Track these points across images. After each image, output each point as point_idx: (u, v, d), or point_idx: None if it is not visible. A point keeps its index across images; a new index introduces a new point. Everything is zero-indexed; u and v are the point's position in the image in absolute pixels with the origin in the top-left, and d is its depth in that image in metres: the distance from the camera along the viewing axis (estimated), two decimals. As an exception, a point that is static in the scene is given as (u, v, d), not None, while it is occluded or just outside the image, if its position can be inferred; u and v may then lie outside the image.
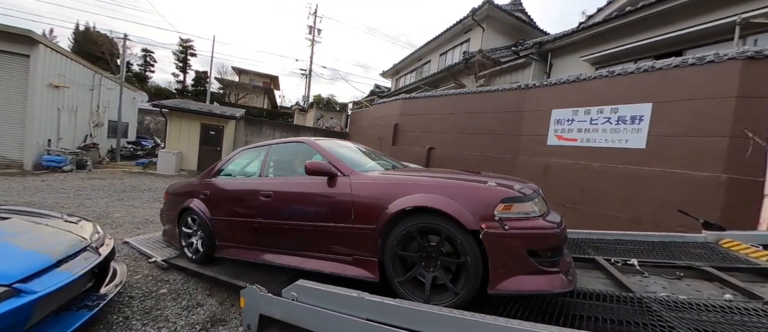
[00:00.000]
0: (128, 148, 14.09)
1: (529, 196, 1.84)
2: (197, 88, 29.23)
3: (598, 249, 2.56)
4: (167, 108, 11.09)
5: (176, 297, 2.43)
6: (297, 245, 2.43)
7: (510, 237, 1.66)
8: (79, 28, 28.01)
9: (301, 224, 2.38)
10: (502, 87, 7.29)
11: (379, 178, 2.24)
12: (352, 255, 2.16)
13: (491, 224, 1.68)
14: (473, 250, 1.70)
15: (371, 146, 12.46)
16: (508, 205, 1.74)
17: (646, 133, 4.60)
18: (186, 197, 3.15)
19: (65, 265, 1.79)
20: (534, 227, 1.71)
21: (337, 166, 2.32)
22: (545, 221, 1.77)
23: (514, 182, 2.07)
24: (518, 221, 1.71)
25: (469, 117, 7.76)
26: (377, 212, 2.01)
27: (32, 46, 8.07)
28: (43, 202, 5.07)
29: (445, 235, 1.80)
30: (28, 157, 8.23)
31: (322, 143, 2.71)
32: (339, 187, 2.22)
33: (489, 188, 1.84)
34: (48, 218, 2.17)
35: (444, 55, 13.39)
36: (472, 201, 1.80)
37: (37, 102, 8.32)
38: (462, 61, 10.00)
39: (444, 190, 1.91)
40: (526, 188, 1.95)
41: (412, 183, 2.06)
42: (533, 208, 1.78)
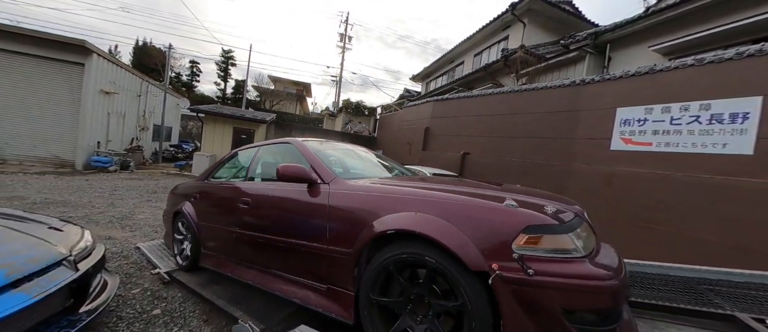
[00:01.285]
0: (170, 151, 14.98)
1: (569, 224, 1.27)
2: (236, 95, 30.99)
3: (730, 298, 1.76)
4: (203, 113, 11.56)
5: (169, 322, 2.07)
6: (270, 262, 2.10)
7: (536, 288, 1.14)
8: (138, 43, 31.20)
9: (275, 238, 2.01)
10: (549, 84, 6.40)
11: (361, 187, 1.78)
12: (327, 285, 1.74)
13: (506, 265, 1.18)
14: (478, 301, 1.21)
15: (400, 152, 11.87)
16: (535, 237, 1.20)
17: (754, 135, 3.57)
18: (182, 200, 2.94)
19: (25, 285, 1.46)
20: (577, 274, 1.15)
21: (317, 170, 1.93)
22: (594, 265, 1.19)
23: (546, 199, 1.50)
24: (551, 263, 1.16)
25: (508, 119, 6.95)
26: (355, 232, 1.58)
27: (87, 55, 8.75)
28: (78, 201, 5.22)
29: (438, 273, 1.32)
30: (80, 157, 8.87)
31: (310, 144, 2.34)
32: (317, 197, 1.82)
33: (504, 210, 1.29)
34: (31, 224, 1.93)
35: (479, 55, 12.58)
36: (479, 228, 1.29)
37: (89, 107, 8.98)
38: (501, 59, 9.18)
39: (440, 208, 1.41)
40: (565, 211, 1.35)
41: (399, 197, 1.57)
42: (575, 243, 1.21)
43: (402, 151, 10.80)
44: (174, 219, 2.99)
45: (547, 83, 6.53)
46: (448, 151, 8.50)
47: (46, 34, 8.57)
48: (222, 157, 3.18)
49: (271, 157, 2.57)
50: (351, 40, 24.23)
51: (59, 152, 8.77)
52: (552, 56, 8.28)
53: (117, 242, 3.48)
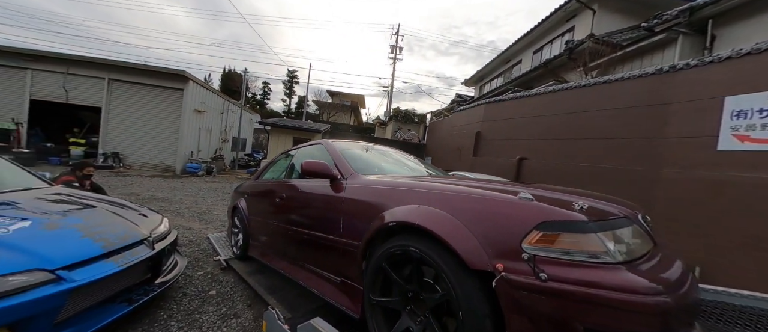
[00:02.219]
0: (244, 159, 17.26)
1: (602, 222, 1.06)
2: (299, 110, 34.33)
3: None
4: (270, 125, 13.05)
5: (220, 302, 2.33)
6: (298, 253, 2.24)
7: (550, 296, 0.95)
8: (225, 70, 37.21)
9: (302, 231, 2.14)
10: (626, 74, 5.46)
11: (373, 182, 1.78)
12: (340, 277, 1.78)
13: (514, 267, 1.02)
14: (476, 307, 1.06)
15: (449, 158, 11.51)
16: (551, 235, 1.01)
17: None
18: (239, 197, 3.31)
19: (114, 257, 1.81)
20: (608, 284, 0.91)
21: (338, 166, 2.01)
22: (637, 274, 0.95)
23: (591, 198, 1.30)
24: (571, 267, 0.97)
25: (574, 118, 6.12)
26: (364, 224, 1.59)
27: (185, 82, 10.76)
28: (173, 197, 6.36)
29: (436, 271, 1.20)
30: (178, 164, 10.85)
31: (337, 144, 2.47)
32: (336, 191, 1.89)
33: (515, 203, 1.14)
34: (127, 210, 2.40)
35: (538, 51, 11.52)
36: (484, 221, 1.15)
37: (186, 124, 10.97)
38: (565, 53, 8.22)
39: (444, 201, 1.33)
40: (605, 209, 1.17)
41: (406, 190, 1.53)
42: (606, 245, 0.99)
43: (451, 157, 10.41)
44: (232, 214, 3.38)
45: (622, 74, 5.58)
46: (502, 156, 7.87)
47: (158, 68, 10.88)
48: (272, 158, 3.50)
49: (308, 156, 2.72)
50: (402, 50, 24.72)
51: (165, 159, 10.89)
52: (630, 43, 7.08)
53: (194, 232, 4.11)
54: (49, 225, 1.80)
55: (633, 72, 5.47)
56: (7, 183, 2.36)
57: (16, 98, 10.04)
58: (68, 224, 1.87)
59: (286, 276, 2.32)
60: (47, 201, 2.19)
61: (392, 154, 2.87)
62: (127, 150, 10.63)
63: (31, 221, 1.76)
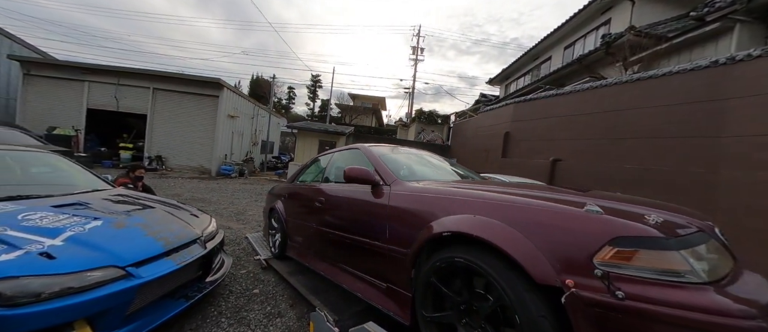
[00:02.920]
0: (272, 161, 17.92)
1: (683, 239, 1.00)
2: (322, 113, 35.17)
3: None
4: (296, 129, 13.46)
5: (264, 301, 2.42)
6: (339, 256, 2.27)
7: (628, 315, 0.91)
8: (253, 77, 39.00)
9: (343, 235, 2.16)
10: (675, 69, 5.04)
11: (421, 189, 1.76)
12: (386, 283, 1.78)
13: (585, 283, 0.98)
14: (541, 322, 1.03)
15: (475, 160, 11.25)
16: (628, 252, 0.97)
17: None
18: (275, 199, 3.44)
19: (173, 255, 1.93)
20: (694, 306, 0.86)
21: (379, 173, 2.03)
22: (724, 295, 0.89)
23: (656, 209, 1.22)
24: (651, 286, 0.92)
25: (614, 117, 5.74)
26: (412, 232, 1.58)
27: (220, 89, 11.39)
28: (211, 198, 6.73)
29: (496, 284, 1.15)
30: (214, 167, 11.48)
31: (375, 149, 2.46)
32: (380, 198, 1.89)
33: (587, 217, 1.08)
34: (181, 211, 2.56)
35: (570, 47, 10.95)
36: (550, 236, 1.10)
37: (221, 128, 11.60)
38: (602, 47, 7.75)
39: (503, 211, 1.28)
40: (682, 223, 1.09)
41: (461, 199, 1.48)
42: (689, 264, 0.94)
43: (478, 159, 10.14)
44: (269, 215, 3.51)
45: (671, 68, 5.15)
46: (534, 157, 7.54)
47: (196, 77, 11.62)
48: (306, 162, 3.60)
49: (343, 161, 2.77)
50: (423, 51, 24.61)
51: (202, 162, 11.58)
52: (676, 34, 6.52)
53: (233, 231, 4.31)
54: (117, 224, 1.96)
55: (684, 65, 5.03)
56: (79, 185, 2.61)
57: (76, 108, 11.15)
58: (133, 224, 2.02)
59: (326, 277, 2.37)
60: (112, 202, 2.38)
61: (429, 158, 2.84)
62: (169, 153, 11.43)
63: (102, 221, 1.92)
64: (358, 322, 1.64)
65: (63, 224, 1.76)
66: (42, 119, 10.73)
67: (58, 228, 1.71)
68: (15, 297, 1.30)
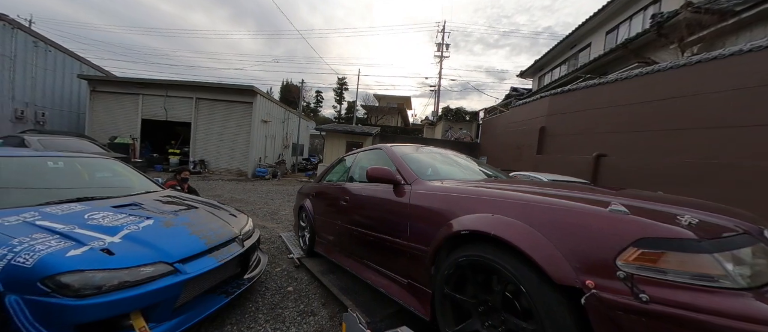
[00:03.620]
0: (303, 163, 18.59)
1: (719, 241, 0.93)
2: (348, 114, 35.86)
3: None
4: (325, 131, 13.83)
5: (297, 299, 2.47)
6: (364, 253, 2.34)
7: (654, 319, 0.87)
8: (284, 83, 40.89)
9: (367, 232, 2.23)
10: (750, 46, 4.37)
11: (441, 188, 1.78)
12: (407, 279, 1.84)
13: (607, 285, 0.96)
14: (560, 324, 1.02)
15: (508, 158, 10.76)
16: (654, 254, 0.93)
17: None
18: (304, 198, 3.57)
19: (214, 252, 2.04)
20: (729, 312, 0.80)
21: (401, 172, 2.07)
22: (755, 305, 0.80)
23: (696, 211, 1.13)
24: (679, 290, 0.87)
25: (671, 105, 5.12)
26: (432, 230, 1.61)
27: (253, 96, 12.05)
28: (248, 199, 7.12)
29: (515, 284, 1.17)
30: (250, 169, 12.17)
31: (397, 149, 2.50)
32: (400, 196, 1.94)
33: (609, 216, 1.05)
34: (221, 210, 2.70)
35: (613, 31, 10.03)
36: (570, 235, 1.09)
37: (255, 133, 12.26)
38: (652, 28, 6.97)
39: (521, 210, 1.27)
40: (721, 224, 1.04)
41: (480, 198, 1.49)
42: (724, 268, 0.87)
43: (510, 156, 9.64)
44: (299, 213, 3.65)
45: (741, 47, 4.47)
46: (574, 153, 6.99)
47: (232, 86, 12.40)
48: (332, 162, 3.70)
49: (366, 161, 2.81)
50: (448, 48, 24.06)
51: (239, 165, 12.34)
52: (745, 7, 5.65)
53: (268, 230, 4.50)
54: (166, 223, 2.10)
55: (758, 42, 4.35)
56: (135, 187, 2.86)
57: (132, 118, 12.44)
58: (179, 223, 2.16)
59: (354, 274, 2.36)
60: (162, 202, 2.58)
61: (453, 157, 2.84)
62: (210, 157, 12.33)
63: (154, 220, 2.08)
64: (391, 326, 1.60)
65: (121, 223, 1.92)
66: (106, 130, 12.11)
67: (116, 226, 1.87)
68: (81, 288, 1.43)
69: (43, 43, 12.47)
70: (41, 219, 1.80)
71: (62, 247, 1.54)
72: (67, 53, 13.50)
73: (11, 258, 1.44)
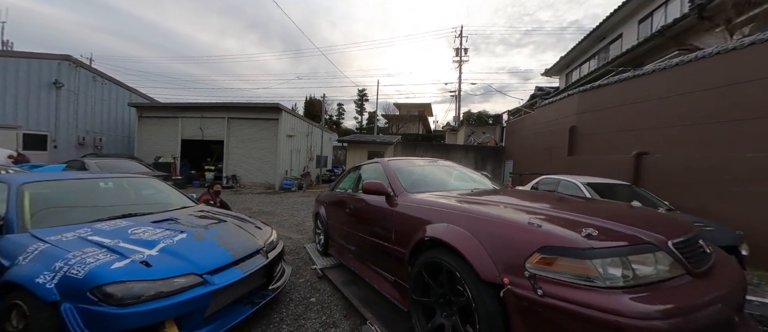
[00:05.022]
0: (327, 174, 19.04)
1: (605, 249, 1.13)
2: (369, 125, 36.40)
3: None
4: (347, 142, 14.14)
5: (320, 310, 2.50)
6: (365, 255, 2.63)
7: (546, 310, 1.12)
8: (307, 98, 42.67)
9: (366, 237, 2.52)
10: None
11: (418, 200, 2.09)
12: (393, 277, 2.16)
13: (518, 281, 1.22)
14: (489, 311, 1.28)
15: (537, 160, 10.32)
16: (550, 258, 1.17)
17: None
18: (319, 205, 3.93)
19: (241, 264, 2.13)
20: (596, 305, 1.02)
21: (392, 185, 2.36)
22: (622, 299, 1.02)
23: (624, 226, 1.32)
24: (565, 287, 1.10)
25: (728, 93, 4.61)
26: (409, 236, 1.91)
27: (279, 113, 12.66)
28: (275, 210, 7.40)
29: (459, 280, 1.45)
30: (277, 182, 12.69)
31: (392, 163, 2.83)
32: (391, 206, 2.24)
33: (525, 227, 1.33)
34: (247, 224, 2.84)
35: (646, 19, 9.36)
36: (497, 242, 1.37)
37: (281, 147, 12.82)
38: (693, 12, 6.41)
39: (468, 222, 1.57)
40: (629, 234, 1.24)
41: (443, 211, 1.79)
42: (600, 271, 1.08)
43: (540, 159, 9.18)
44: (315, 219, 4.01)
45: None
46: (610, 152, 6.51)
47: (259, 104, 13.18)
48: (342, 174, 4.11)
49: (368, 173, 3.14)
50: (467, 52, 23.73)
51: (267, 178, 12.93)
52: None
53: (293, 241, 4.63)
54: (197, 237, 2.25)
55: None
56: (172, 203, 3.10)
57: (173, 139, 13.58)
58: (209, 236, 2.30)
59: (379, 291, 2.36)
60: (195, 217, 2.76)
61: (444, 169, 3.10)
62: (241, 172, 13.06)
63: (187, 234, 2.23)
64: (410, 338, 1.56)
65: (158, 237, 2.09)
66: (151, 150, 13.32)
67: (154, 240, 2.03)
68: (124, 298, 1.57)
69: (101, 77, 14.14)
70: (92, 234, 2.01)
71: (108, 260, 1.71)
72: (119, 85, 15.18)
73: (67, 270, 1.61)
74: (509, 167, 12.10)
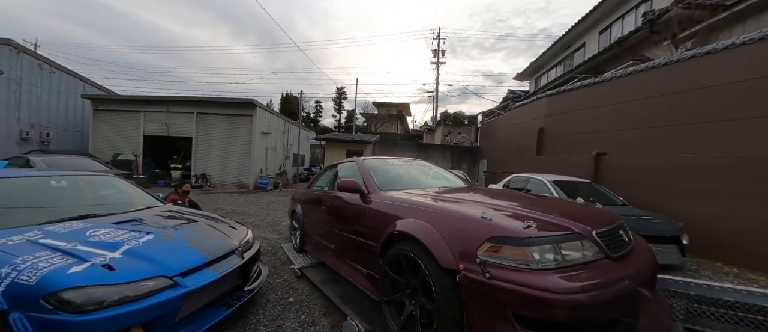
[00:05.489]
0: (304, 173, 18.62)
1: (536, 238, 1.35)
2: (348, 123, 36.09)
3: None
4: (325, 140, 13.94)
5: (299, 309, 2.47)
6: (339, 249, 2.73)
7: (492, 290, 1.32)
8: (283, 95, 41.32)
9: (341, 233, 2.63)
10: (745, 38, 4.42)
11: (389, 198, 2.23)
12: (366, 269, 2.28)
13: (471, 267, 1.41)
14: (449, 294, 1.48)
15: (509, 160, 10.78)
16: (496, 247, 1.39)
17: None
18: (295, 203, 3.96)
19: (214, 265, 2.05)
20: (522, 284, 1.25)
21: (366, 184, 2.49)
22: (550, 278, 1.24)
23: (561, 218, 1.57)
24: (507, 271, 1.32)
25: (674, 100, 5.13)
26: (381, 231, 2.03)
27: (253, 109, 12.19)
28: (250, 210, 7.13)
29: (423, 268, 1.62)
30: (251, 181, 12.22)
31: (367, 162, 2.96)
32: (364, 203, 2.35)
33: (478, 221, 1.54)
34: (221, 223, 2.73)
35: (606, 30, 10.15)
36: (456, 234, 1.56)
37: (256, 145, 12.36)
38: (645, 26, 7.06)
39: (433, 217, 1.75)
40: (560, 226, 1.48)
41: (413, 206, 1.96)
42: (535, 256, 1.31)
43: (512, 158, 9.65)
44: (291, 216, 4.04)
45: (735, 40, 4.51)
46: (574, 153, 6.99)
47: (232, 100, 12.61)
48: (318, 172, 4.12)
49: (344, 172, 3.22)
50: (444, 54, 24.34)
51: (241, 177, 12.41)
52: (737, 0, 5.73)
53: (269, 241, 4.51)
54: (166, 238, 2.13)
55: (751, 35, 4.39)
56: (136, 203, 2.90)
57: (134, 135, 12.60)
58: (179, 237, 2.19)
59: (359, 288, 2.37)
60: (162, 217, 2.61)
61: (416, 169, 3.27)
62: (212, 171, 12.41)
63: (154, 235, 2.10)
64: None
65: (122, 239, 1.95)
66: (109, 147, 12.26)
67: (117, 242, 1.89)
68: (83, 304, 1.45)
69: (48, 65, 12.75)
70: (44, 237, 1.84)
71: (64, 264, 1.57)
72: (71, 74, 13.78)
73: (15, 276, 1.47)
74: (483, 166, 12.59)
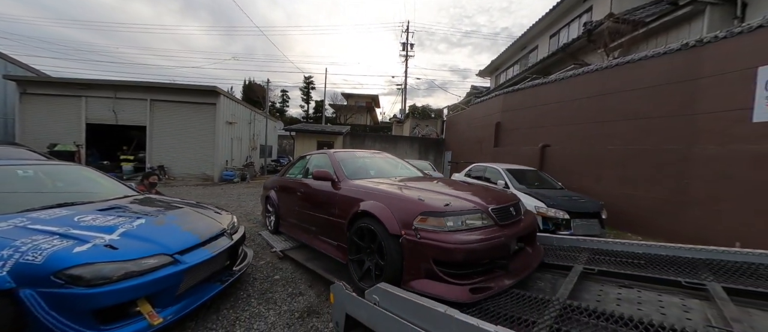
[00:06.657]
0: (272, 164, 18.12)
1: (449, 212, 1.98)
2: (317, 114, 35.35)
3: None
4: (295, 131, 13.72)
5: (285, 284, 2.72)
6: (314, 228, 3.13)
7: (421, 246, 1.89)
8: (245, 82, 38.99)
9: (315, 214, 3.06)
10: (651, 52, 5.38)
11: (357, 185, 2.70)
12: (337, 242, 2.70)
13: (409, 232, 1.96)
14: (395, 251, 2.01)
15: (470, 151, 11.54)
16: (424, 218, 1.96)
17: None
18: (268, 190, 4.32)
19: (208, 245, 2.23)
20: (439, 240, 1.86)
21: (336, 173, 2.96)
22: (456, 236, 1.87)
23: (472, 198, 2.20)
24: (429, 233, 1.90)
25: (600, 101, 6.08)
26: (348, 211, 2.51)
27: (216, 97, 11.58)
28: (219, 202, 6.98)
29: (378, 236, 2.13)
30: (216, 173, 11.71)
31: (338, 154, 3.47)
32: (335, 189, 2.81)
33: (415, 202, 2.10)
34: (205, 209, 2.84)
35: (555, 35, 11.28)
36: (401, 211, 2.08)
37: (220, 135, 11.80)
38: (583, 35, 8.08)
39: (386, 200, 2.27)
40: (464, 203, 2.10)
41: (373, 192, 2.46)
42: (448, 223, 1.92)
43: (473, 150, 10.47)
44: (265, 202, 4.44)
45: (647, 53, 5.49)
46: (525, 145, 7.89)
47: (192, 86, 11.80)
48: (292, 161, 4.47)
49: (316, 162, 3.69)
50: (413, 47, 24.72)
51: (205, 169, 11.81)
52: (653, 19, 6.87)
53: (247, 230, 4.58)
54: (158, 222, 2.25)
55: (657, 50, 5.38)
56: (112, 192, 2.88)
57: (75, 123, 11.30)
58: (169, 221, 2.31)
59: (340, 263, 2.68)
60: (143, 205, 2.66)
61: (381, 160, 3.81)
62: (171, 163, 11.63)
63: (145, 219, 2.21)
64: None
65: (114, 223, 2.04)
66: (42, 137, 10.87)
67: (111, 226, 1.99)
68: (93, 279, 1.59)
69: (-45, 38, 10.78)
70: (32, 223, 1.88)
71: (68, 245, 1.67)
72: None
73: (18, 257, 1.55)
74: (448, 157, 13.41)
